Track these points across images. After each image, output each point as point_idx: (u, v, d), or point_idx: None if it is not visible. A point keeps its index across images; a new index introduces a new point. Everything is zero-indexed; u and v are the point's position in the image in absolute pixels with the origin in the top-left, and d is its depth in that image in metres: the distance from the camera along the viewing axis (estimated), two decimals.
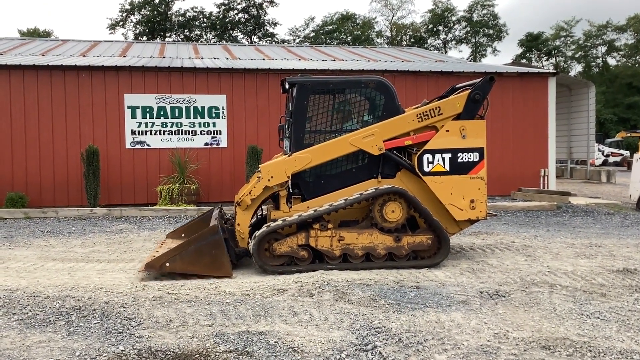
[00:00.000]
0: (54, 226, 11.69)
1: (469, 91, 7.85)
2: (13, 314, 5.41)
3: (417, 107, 8.13)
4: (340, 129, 7.96)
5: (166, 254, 7.04)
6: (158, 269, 6.88)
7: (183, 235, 8.82)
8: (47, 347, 4.56)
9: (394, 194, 7.46)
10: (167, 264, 6.91)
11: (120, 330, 4.94)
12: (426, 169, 7.69)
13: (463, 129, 7.74)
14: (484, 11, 64.77)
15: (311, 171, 7.82)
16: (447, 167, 7.72)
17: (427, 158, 7.69)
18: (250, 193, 7.58)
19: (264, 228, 7.29)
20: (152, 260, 7.00)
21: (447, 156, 7.72)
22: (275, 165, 7.68)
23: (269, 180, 7.53)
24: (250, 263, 7.84)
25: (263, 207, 8.44)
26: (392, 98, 7.91)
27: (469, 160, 7.77)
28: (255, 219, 8.45)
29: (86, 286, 6.46)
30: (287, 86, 7.99)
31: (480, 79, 7.97)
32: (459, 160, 7.75)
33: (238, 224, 7.69)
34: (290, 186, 7.67)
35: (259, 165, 7.82)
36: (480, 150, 7.81)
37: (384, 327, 5.00)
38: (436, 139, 7.72)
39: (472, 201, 7.76)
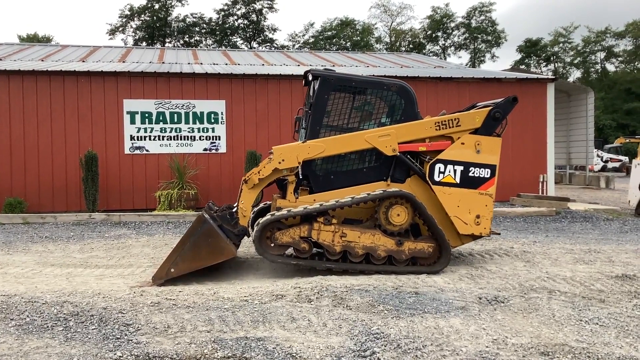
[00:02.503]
0: (53, 231, 11.67)
1: (490, 108, 7.86)
2: (11, 319, 5.38)
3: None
4: (357, 128, 7.94)
5: (167, 261, 7.04)
6: (165, 277, 6.87)
7: None
8: (45, 353, 4.54)
9: (401, 197, 7.45)
10: (172, 270, 6.91)
11: (118, 336, 4.92)
12: (436, 179, 7.68)
13: (478, 144, 7.73)
14: (482, 17, 64.99)
15: (322, 165, 7.81)
16: (458, 180, 7.70)
17: (439, 168, 7.68)
18: (259, 172, 7.58)
19: (268, 216, 7.26)
20: (157, 272, 6.99)
21: (459, 168, 7.70)
22: (288, 148, 7.66)
23: (279, 162, 7.52)
24: (248, 268, 7.83)
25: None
26: (412, 104, 7.92)
27: (480, 175, 7.75)
28: (259, 207, 8.43)
29: (84, 292, 6.44)
30: (310, 78, 7.99)
31: (502, 99, 7.97)
32: (470, 174, 7.72)
33: (242, 202, 7.64)
34: (299, 173, 7.64)
35: (272, 147, 7.79)
36: (492, 167, 7.78)
37: (383, 333, 4.99)
38: (450, 150, 7.70)
39: (477, 217, 7.74)
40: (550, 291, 6.44)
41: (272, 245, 7.25)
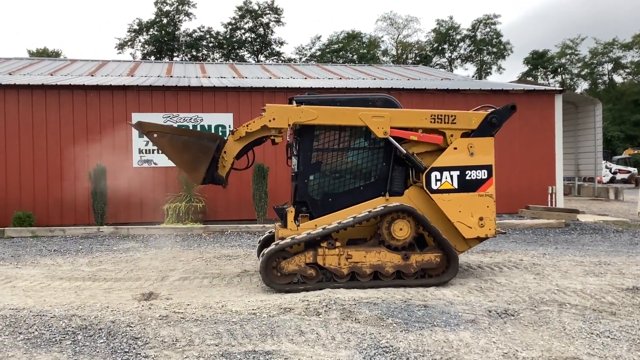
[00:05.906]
0: (61, 245, 11.71)
1: (488, 112, 7.86)
2: (19, 333, 5.39)
3: None
4: (348, 147, 7.94)
5: (161, 126, 7.43)
6: (145, 131, 7.22)
7: None
8: None
9: (402, 211, 7.42)
10: (155, 135, 7.16)
11: (127, 350, 4.92)
12: (434, 187, 7.66)
13: (471, 147, 7.72)
14: (487, 29, 65.09)
15: (319, 189, 7.81)
16: (456, 185, 7.69)
17: (435, 176, 7.67)
18: (247, 126, 7.61)
19: (272, 246, 7.27)
20: (146, 122, 7.28)
21: (455, 174, 7.69)
22: (281, 108, 7.67)
23: (270, 121, 7.53)
24: (256, 282, 7.81)
25: (269, 224, 8.44)
26: None
27: (477, 177, 7.74)
28: (264, 235, 8.46)
29: (92, 305, 6.45)
30: (294, 104, 8.02)
31: (502, 106, 7.98)
32: (467, 177, 7.72)
33: (224, 152, 7.65)
34: (289, 137, 7.84)
35: (266, 104, 7.79)
36: (488, 168, 7.78)
37: (392, 346, 4.96)
38: (444, 156, 7.70)
39: (480, 219, 7.71)
40: (560, 304, 6.39)
41: (279, 275, 7.24)
